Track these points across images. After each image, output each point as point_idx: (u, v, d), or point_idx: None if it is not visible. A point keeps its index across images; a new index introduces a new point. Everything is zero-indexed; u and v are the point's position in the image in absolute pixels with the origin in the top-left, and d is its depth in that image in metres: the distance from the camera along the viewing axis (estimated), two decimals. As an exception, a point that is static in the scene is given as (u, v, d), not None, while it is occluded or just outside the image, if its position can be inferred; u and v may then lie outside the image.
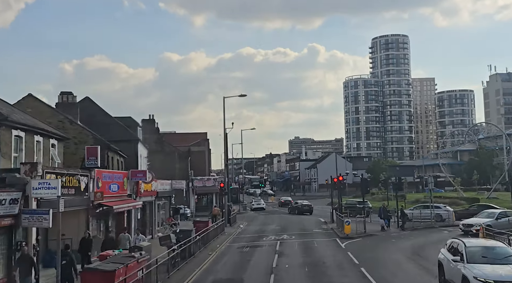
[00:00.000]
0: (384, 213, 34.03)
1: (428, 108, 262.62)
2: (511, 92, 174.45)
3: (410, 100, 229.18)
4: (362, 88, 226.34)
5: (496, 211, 34.14)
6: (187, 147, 69.91)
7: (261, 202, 69.95)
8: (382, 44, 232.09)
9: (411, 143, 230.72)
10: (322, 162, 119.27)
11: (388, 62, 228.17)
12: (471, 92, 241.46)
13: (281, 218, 51.64)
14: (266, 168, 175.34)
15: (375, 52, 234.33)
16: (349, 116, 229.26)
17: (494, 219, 31.21)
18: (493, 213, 33.09)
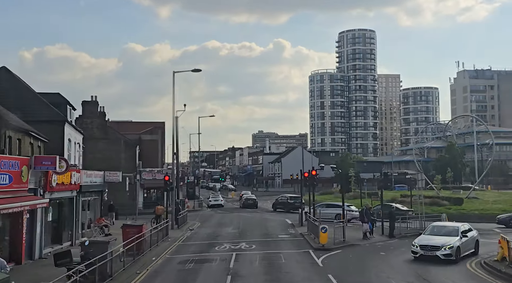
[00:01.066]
0: (368, 216, 27.24)
1: (392, 105, 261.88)
2: (478, 90, 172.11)
3: (375, 96, 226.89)
4: (328, 83, 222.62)
5: (457, 225, 23.46)
6: (138, 135, 62.15)
7: (219, 198, 62.66)
8: (349, 39, 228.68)
9: (376, 140, 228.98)
10: (287, 156, 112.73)
11: (354, 57, 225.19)
12: (435, 90, 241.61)
13: (240, 218, 44.52)
14: (228, 161, 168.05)
15: (342, 47, 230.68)
16: (314, 111, 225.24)
17: (459, 237, 21.64)
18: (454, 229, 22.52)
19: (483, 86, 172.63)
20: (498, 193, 69.80)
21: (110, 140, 51.50)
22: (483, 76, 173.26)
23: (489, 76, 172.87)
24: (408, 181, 49.80)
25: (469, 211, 44.23)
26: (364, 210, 27.57)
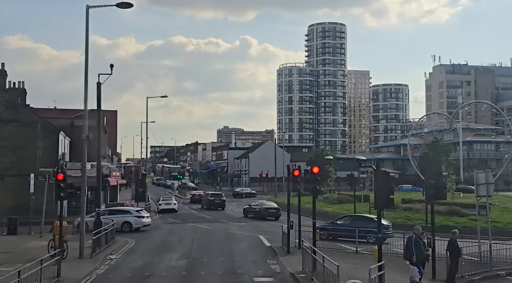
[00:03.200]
0: (419, 250, 15.20)
1: (362, 102, 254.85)
2: (455, 85, 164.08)
3: (345, 92, 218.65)
4: (297, 77, 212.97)
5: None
6: (69, 120, 49.09)
7: (171, 200, 49.85)
8: (318, 32, 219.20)
9: (344, 137, 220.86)
10: (255, 151, 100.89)
11: (324, 51, 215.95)
12: (405, 87, 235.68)
13: (195, 233, 31.97)
14: (189, 157, 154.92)
15: (311, 40, 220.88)
16: (282, 106, 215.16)
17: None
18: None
19: (459, 81, 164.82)
20: (501, 196, 59.42)
21: (23, 123, 38.41)
22: (460, 71, 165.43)
23: (466, 71, 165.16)
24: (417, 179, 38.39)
25: (506, 225, 33.07)
26: (412, 240, 15.39)
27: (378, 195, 13.69)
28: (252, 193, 78.50)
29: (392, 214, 38.88)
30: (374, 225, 26.76)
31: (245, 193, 77.83)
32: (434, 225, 17.90)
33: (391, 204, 14.46)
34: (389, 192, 13.85)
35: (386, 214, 38.56)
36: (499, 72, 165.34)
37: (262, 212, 43.30)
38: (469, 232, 32.25)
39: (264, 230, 33.90)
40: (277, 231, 33.55)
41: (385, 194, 13.68)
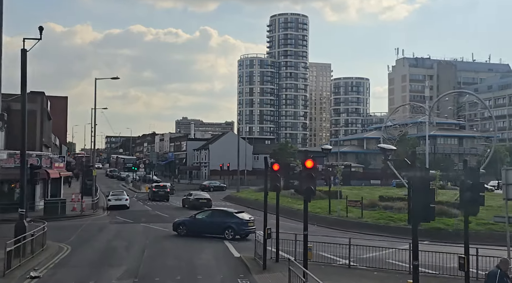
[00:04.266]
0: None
1: (323, 95, 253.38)
2: (417, 79, 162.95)
3: (306, 85, 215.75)
4: (258, 69, 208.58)
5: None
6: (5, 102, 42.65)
7: (122, 196, 44.25)
8: (281, 23, 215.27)
9: (305, 130, 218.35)
10: (215, 143, 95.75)
11: (286, 43, 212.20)
12: (367, 81, 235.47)
13: (147, 238, 26.79)
14: (146, 147, 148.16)
15: (273, 31, 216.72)
16: (243, 98, 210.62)
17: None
18: None
19: (422, 75, 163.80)
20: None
21: None
22: (423, 65, 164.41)
23: (429, 65, 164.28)
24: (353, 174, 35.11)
25: (503, 227, 29.24)
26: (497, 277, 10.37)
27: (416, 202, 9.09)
28: (221, 186, 73.47)
29: (372, 213, 34.80)
30: (234, 220, 26.31)
31: (213, 186, 72.72)
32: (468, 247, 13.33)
33: (431, 216, 9.96)
34: (430, 198, 9.32)
35: (366, 213, 34.47)
36: (461, 67, 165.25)
37: (194, 202, 45.33)
38: (462, 237, 28.36)
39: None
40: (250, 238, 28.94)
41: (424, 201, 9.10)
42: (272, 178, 17.23)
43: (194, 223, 27.07)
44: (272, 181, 17.29)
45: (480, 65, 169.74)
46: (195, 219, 27.41)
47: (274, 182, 17.20)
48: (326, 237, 26.09)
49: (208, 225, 26.64)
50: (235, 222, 26.34)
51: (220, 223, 26.37)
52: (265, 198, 18.53)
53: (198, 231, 26.37)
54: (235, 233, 26.06)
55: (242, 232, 26.34)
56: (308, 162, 12.90)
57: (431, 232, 29.35)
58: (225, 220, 26.50)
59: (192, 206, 44.68)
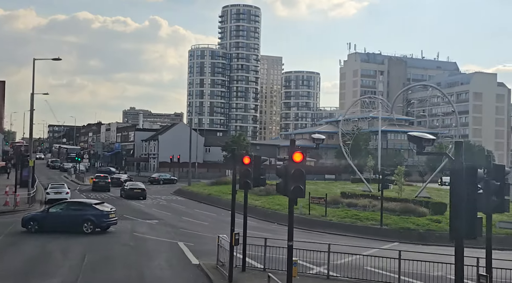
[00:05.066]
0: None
1: (273, 88, 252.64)
2: (369, 74, 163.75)
3: (257, 78, 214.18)
4: (209, 60, 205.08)
5: None
6: None
7: (63, 188, 40.38)
8: (233, 14, 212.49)
9: (256, 123, 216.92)
10: (165, 133, 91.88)
11: (238, 34, 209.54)
12: (317, 75, 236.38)
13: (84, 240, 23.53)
14: (91, 137, 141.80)
15: (225, 22, 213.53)
16: (193, 89, 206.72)
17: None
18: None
19: (373, 71, 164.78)
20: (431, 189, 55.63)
21: None
22: (374, 60, 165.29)
23: (380, 61, 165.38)
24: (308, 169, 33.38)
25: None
26: None
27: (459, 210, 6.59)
28: (171, 179, 70.04)
29: (336, 211, 32.62)
30: (94, 212, 24.50)
31: (163, 179, 69.18)
32: (491, 251, 11.02)
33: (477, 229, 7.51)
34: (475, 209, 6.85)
35: (329, 211, 32.26)
36: (411, 63, 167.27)
37: (128, 192, 46.06)
38: (435, 238, 26.64)
39: (183, 232, 26.22)
40: (199, 231, 26.10)
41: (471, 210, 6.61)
42: (242, 173, 14.48)
43: (46, 217, 24.49)
44: (242, 177, 14.53)
45: (429, 62, 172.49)
46: (48, 213, 24.82)
47: (244, 178, 14.45)
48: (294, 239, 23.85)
49: (63, 218, 24.19)
50: (95, 214, 24.34)
51: (78, 216, 24.26)
52: (233, 196, 15.72)
53: (52, 226, 23.87)
54: (94, 226, 24.12)
55: (103, 224, 24.47)
56: (297, 155, 10.24)
57: (401, 232, 27.51)
58: (83, 213, 24.51)
59: (127, 196, 45.67)
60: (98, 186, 53.31)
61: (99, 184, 53.65)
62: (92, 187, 53.87)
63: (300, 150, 10.23)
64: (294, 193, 10.22)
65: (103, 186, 53.39)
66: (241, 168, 14.47)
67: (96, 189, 52.74)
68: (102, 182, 53.98)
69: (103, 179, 54.86)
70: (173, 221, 31.55)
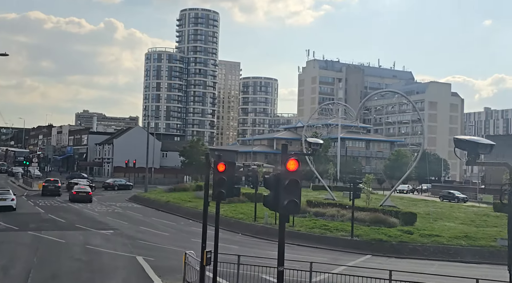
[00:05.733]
0: None
1: (231, 94, 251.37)
2: (327, 81, 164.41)
3: (215, 82, 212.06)
4: (166, 63, 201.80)
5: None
6: None
7: (7, 194, 37.12)
8: (191, 18, 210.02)
9: (213, 128, 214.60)
10: (120, 137, 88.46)
11: (196, 39, 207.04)
12: (275, 81, 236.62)
13: (36, 250, 21.06)
14: (41, 140, 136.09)
15: (183, 26, 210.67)
16: (149, 92, 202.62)
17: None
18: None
19: (331, 78, 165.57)
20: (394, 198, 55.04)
21: None
22: (332, 67, 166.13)
23: (338, 68, 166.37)
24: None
25: (450, 240, 26.58)
26: None
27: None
28: (127, 185, 66.88)
29: (304, 221, 31.08)
30: None
31: (118, 184, 65.93)
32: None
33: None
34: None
35: (296, 220, 30.68)
36: (368, 72, 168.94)
37: (75, 196, 45.91)
38: (409, 250, 25.43)
39: (142, 245, 24.01)
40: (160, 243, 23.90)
41: None
42: (216, 182, 12.60)
43: None
44: (215, 186, 12.65)
45: (385, 71, 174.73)
46: None
47: (218, 187, 12.58)
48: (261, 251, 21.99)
49: None
50: None
51: None
52: (205, 209, 13.79)
53: None
54: None
55: None
56: (291, 163, 8.49)
57: (373, 244, 26.17)
58: None
59: (73, 199, 45.44)
60: (48, 190, 51.45)
61: (48, 188, 51.76)
62: (42, 191, 51.70)
63: (294, 156, 8.48)
64: (288, 208, 8.47)
65: (53, 190, 51.58)
66: (215, 175, 12.60)
67: (45, 194, 50.72)
68: (51, 186, 52.16)
69: (52, 183, 53.00)
70: (130, 231, 29.22)
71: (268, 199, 9.09)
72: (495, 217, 38.94)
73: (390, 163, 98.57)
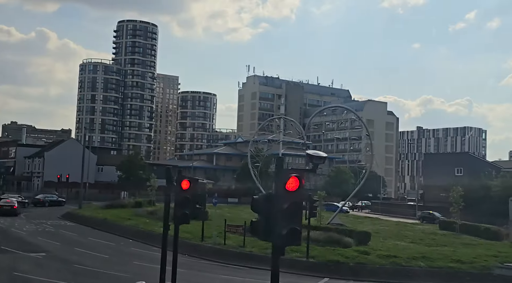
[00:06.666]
0: None
1: (169, 108, 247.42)
2: (267, 97, 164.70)
3: (153, 96, 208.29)
4: (102, 75, 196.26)
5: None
6: None
7: None
8: (129, 30, 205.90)
9: (150, 142, 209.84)
10: (52, 150, 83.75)
11: (134, 51, 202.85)
12: (214, 96, 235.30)
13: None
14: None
15: (121, 37, 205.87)
16: (83, 105, 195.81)
17: None
18: None
19: (271, 94, 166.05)
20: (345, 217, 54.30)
21: None
22: (272, 84, 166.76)
23: (278, 85, 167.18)
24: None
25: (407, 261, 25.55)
26: None
27: None
28: (59, 201, 62.77)
29: (255, 241, 29.18)
30: None
31: (49, 200, 61.69)
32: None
33: None
34: None
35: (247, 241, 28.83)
36: (307, 89, 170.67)
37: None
38: (368, 272, 24.20)
39: (80, 270, 21.39)
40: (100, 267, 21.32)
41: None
42: (178, 201, 10.66)
43: None
44: (179, 207, 10.70)
45: (324, 89, 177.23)
46: None
47: (182, 208, 10.64)
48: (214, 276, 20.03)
49: None
50: None
51: None
52: (165, 232, 11.74)
53: None
54: None
55: None
56: (292, 181, 6.77)
57: (329, 266, 24.77)
58: None
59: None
60: None
61: None
62: None
63: (296, 173, 6.77)
64: (287, 238, 6.71)
65: None
66: (178, 194, 10.67)
67: None
68: None
69: None
70: (65, 253, 26.38)
71: (257, 225, 7.30)
72: (443, 235, 38.78)
73: (330, 180, 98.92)
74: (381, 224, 45.27)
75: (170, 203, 11.35)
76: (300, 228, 6.84)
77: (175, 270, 12.17)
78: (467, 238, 36.94)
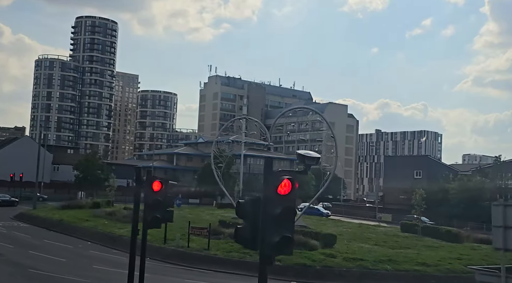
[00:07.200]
0: None
1: (128, 107, 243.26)
2: (229, 98, 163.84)
3: (112, 94, 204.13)
4: (59, 72, 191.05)
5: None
6: None
7: None
8: (88, 26, 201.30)
9: (108, 141, 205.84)
10: (5, 148, 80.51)
11: (92, 48, 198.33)
12: (174, 96, 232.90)
13: None
14: None
15: (79, 34, 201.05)
16: (39, 102, 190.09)
17: None
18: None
19: (233, 94, 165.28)
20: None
21: None
22: (234, 84, 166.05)
23: (240, 85, 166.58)
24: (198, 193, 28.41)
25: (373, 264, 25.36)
26: None
27: None
28: (12, 201, 60.25)
29: (219, 243, 28.54)
30: None
31: (1, 200, 59.30)
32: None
33: None
34: None
35: (211, 243, 28.11)
36: (269, 90, 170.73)
37: None
38: (334, 275, 23.83)
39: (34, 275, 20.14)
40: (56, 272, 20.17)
41: None
42: (149, 204, 9.87)
43: None
44: (149, 210, 9.91)
45: (286, 90, 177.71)
46: None
47: (153, 210, 9.86)
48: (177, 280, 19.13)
49: None
50: None
51: None
52: (133, 238, 10.91)
53: None
54: None
55: None
56: (284, 184, 6.13)
57: (296, 269, 24.31)
58: None
59: None
60: None
61: None
62: None
63: (289, 175, 6.13)
64: (278, 247, 6.06)
65: None
66: (148, 196, 9.87)
67: None
68: None
69: None
70: (18, 256, 24.97)
71: (243, 233, 6.61)
72: (405, 238, 38.99)
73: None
74: (344, 226, 45.25)
75: (139, 204, 10.53)
76: (293, 236, 6.20)
77: (142, 275, 11.39)
78: (429, 240, 37.28)
